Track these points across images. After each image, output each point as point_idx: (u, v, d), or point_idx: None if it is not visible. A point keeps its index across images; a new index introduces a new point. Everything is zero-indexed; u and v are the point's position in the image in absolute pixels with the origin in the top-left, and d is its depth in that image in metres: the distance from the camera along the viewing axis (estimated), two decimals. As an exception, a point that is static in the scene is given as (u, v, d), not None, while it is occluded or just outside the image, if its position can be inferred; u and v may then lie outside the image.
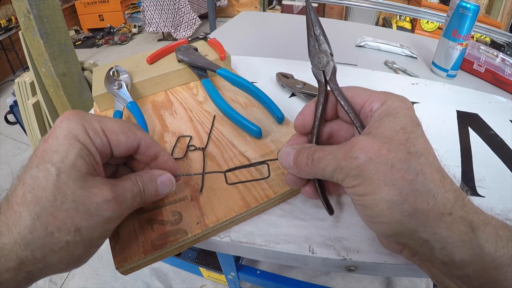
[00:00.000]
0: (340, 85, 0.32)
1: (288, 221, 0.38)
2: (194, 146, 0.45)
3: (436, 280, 0.27)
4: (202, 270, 1.19)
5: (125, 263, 0.31)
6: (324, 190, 0.34)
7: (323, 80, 0.33)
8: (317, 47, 0.34)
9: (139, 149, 0.32)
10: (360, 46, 0.95)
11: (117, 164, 0.35)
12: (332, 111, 0.34)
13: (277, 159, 0.33)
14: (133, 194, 0.30)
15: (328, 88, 0.33)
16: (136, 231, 0.34)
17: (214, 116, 0.51)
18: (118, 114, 0.49)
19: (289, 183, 0.34)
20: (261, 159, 0.43)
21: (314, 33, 0.34)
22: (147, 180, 0.31)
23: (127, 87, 0.53)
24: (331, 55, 0.33)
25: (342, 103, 0.31)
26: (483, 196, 0.43)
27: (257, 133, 0.46)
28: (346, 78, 0.67)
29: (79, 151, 0.27)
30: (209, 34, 0.80)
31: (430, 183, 0.24)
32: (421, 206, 0.24)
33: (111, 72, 0.55)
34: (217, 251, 0.40)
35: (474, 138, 0.53)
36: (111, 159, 0.33)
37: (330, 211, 0.34)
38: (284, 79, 0.63)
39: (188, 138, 0.47)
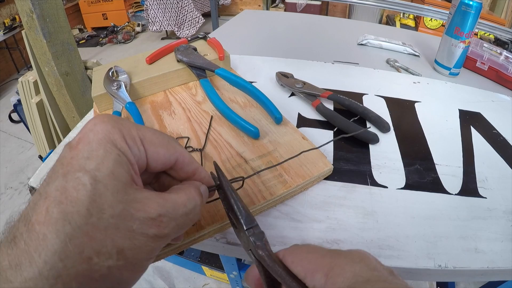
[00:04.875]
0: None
1: (285, 223, 0.38)
2: (191, 147, 0.45)
3: None
4: (205, 269, 1.19)
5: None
6: None
7: (254, 258, 0.26)
8: (237, 225, 0.28)
9: (176, 165, 0.28)
10: (362, 44, 0.94)
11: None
12: None
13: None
14: (186, 211, 0.25)
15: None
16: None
17: (212, 116, 0.51)
18: (117, 115, 0.49)
19: None
20: (258, 160, 0.42)
21: (232, 207, 0.28)
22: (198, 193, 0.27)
23: (126, 87, 0.53)
24: (248, 225, 0.27)
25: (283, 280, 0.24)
26: (485, 197, 0.42)
27: (254, 134, 0.45)
28: (347, 77, 0.66)
29: (118, 158, 0.23)
30: (209, 33, 0.80)
31: None
32: None
33: (110, 73, 0.55)
34: (213, 252, 0.40)
35: (477, 137, 0.53)
36: (142, 175, 0.28)
37: None
38: (284, 78, 0.62)
39: (186, 139, 0.47)
